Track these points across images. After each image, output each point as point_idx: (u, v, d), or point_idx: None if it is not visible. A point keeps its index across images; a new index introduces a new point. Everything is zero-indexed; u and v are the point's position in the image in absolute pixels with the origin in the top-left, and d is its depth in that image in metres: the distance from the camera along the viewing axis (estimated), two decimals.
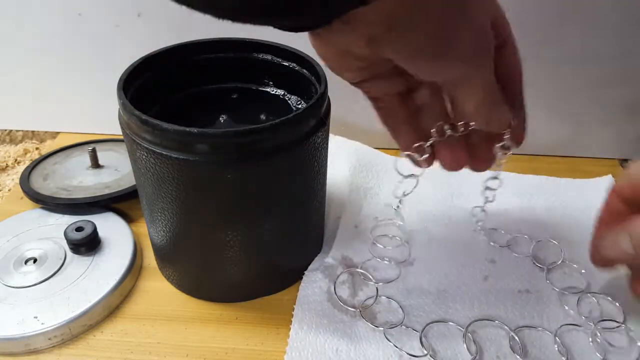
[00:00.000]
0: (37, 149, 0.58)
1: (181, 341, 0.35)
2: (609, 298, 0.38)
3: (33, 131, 0.59)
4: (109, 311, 0.37)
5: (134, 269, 0.40)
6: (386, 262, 0.41)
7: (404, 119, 0.32)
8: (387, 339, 0.35)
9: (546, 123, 0.53)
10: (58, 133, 0.59)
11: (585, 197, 0.48)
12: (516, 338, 0.35)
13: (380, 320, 0.36)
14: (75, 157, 0.51)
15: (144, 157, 0.32)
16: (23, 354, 0.34)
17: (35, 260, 0.39)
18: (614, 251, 0.32)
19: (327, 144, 0.36)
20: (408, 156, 0.33)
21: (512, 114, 0.31)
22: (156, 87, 0.38)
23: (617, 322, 0.36)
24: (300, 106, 0.41)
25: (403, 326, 0.36)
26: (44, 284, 0.37)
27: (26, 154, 0.57)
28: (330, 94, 0.36)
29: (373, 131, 0.55)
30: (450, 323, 0.36)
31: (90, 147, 0.49)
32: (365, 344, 0.34)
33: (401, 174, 0.35)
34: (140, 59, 0.37)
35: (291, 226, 0.37)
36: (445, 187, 0.49)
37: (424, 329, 0.36)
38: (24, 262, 0.39)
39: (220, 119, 0.39)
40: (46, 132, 0.59)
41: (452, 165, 0.33)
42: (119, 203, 0.45)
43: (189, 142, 0.30)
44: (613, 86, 0.51)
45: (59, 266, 0.39)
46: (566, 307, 0.37)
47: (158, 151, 0.31)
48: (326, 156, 0.37)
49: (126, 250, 0.40)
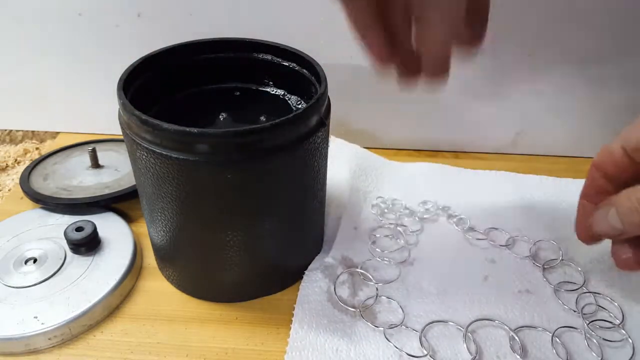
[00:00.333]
0: (37, 149, 0.58)
1: (181, 341, 0.35)
2: (608, 298, 0.38)
3: (33, 131, 0.59)
4: (109, 311, 0.37)
5: (134, 269, 0.40)
6: (386, 262, 0.41)
7: (373, 17, 0.31)
8: (387, 339, 0.35)
9: (546, 123, 0.54)
10: (58, 133, 0.59)
11: None
12: (516, 338, 0.35)
13: (380, 320, 0.36)
14: (75, 157, 0.51)
15: (144, 157, 0.32)
16: (23, 354, 0.34)
17: (35, 260, 0.39)
18: (603, 227, 0.33)
19: (327, 144, 0.36)
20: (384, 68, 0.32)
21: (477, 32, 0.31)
22: (156, 87, 0.38)
23: (617, 321, 0.36)
24: (300, 106, 0.41)
25: (403, 326, 0.36)
26: (44, 284, 0.37)
27: (26, 154, 0.57)
28: (330, 94, 0.36)
29: (373, 131, 0.56)
30: (450, 323, 0.36)
31: (90, 147, 0.49)
32: (365, 344, 0.34)
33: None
34: (140, 59, 0.37)
35: (291, 226, 0.37)
36: (445, 187, 0.49)
37: (423, 329, 0.36)
38: (24, 262, 0.39)
39: (220, 118, 0.39)
40: (46, 132, 0.59)
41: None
42: (119, 203, 0.45)
43: (189, 142, 0.30)
44: (613, 86, 0.51)
45: (59, 266, 0.39)
46: (566, 307, 0.37)
47: (158, 151, 0.31)
48: (326, 156, 0.37)
49: (126, 250, 0.40)
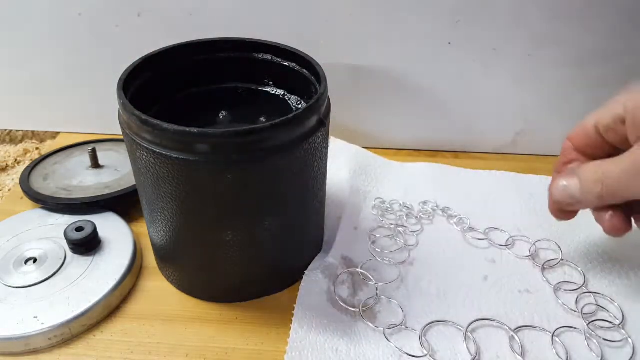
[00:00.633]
0: (37, 149, 0.58)
1: (181, 341, 0.35)
2: (608, 298, 0.38)
3: (33, 131, 0.59)
4: (108, 311, 0.37)
5: (134, 269, 0.40)
6: (386, 262, 0.41)
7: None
8: (387, 339, 0.35)
9: (546, 123, 0.53)
10: (58, 133, 0.59)
11: None
12: (516, 338, 0.35)
13: (380, 321, 0.36)
14: (75, 157, 0.51)
15: (144, 157, 0.32)
16: (23, 354, 0.34)
17: (35, 260, 0.39)
18: (562, 195, 0.34)
19: (327, 144, 0.36)
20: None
21: None
22: (156, 87, 0.38)
23: (617, 321, 0.36)
24: (300, 106, 0.41)
25: (403, 326, 0.36)
26: (44, 284, 0.37)
27: (26, 154, 0.57)
28: (330, 94, 0.36)
29: (373, 131, 0.56)
30: (450, 323, 0.36)
31: (90, 147, 0.49)
32: (365, 344, 0.34)
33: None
34: (140, 59, 0.37)
35: (291, 226, 0.37)
36: (444, 189, 0.49)
37: (423, 329, 0.36)
38: (24, 262, 0.39)
39: (220, 118, 0.39)
40: (46, 132, 0.59)
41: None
42: (119, 203, 0.45)
43: (189, 142, 0.30)
44: (613, 86, 0.51)
45: (59, 266, 0.39)
46: (566, 307, 0.37)
47: (158, 151, 0.31)
48: (326, 156, 0.37)
49: (126, 250, 0.40)
